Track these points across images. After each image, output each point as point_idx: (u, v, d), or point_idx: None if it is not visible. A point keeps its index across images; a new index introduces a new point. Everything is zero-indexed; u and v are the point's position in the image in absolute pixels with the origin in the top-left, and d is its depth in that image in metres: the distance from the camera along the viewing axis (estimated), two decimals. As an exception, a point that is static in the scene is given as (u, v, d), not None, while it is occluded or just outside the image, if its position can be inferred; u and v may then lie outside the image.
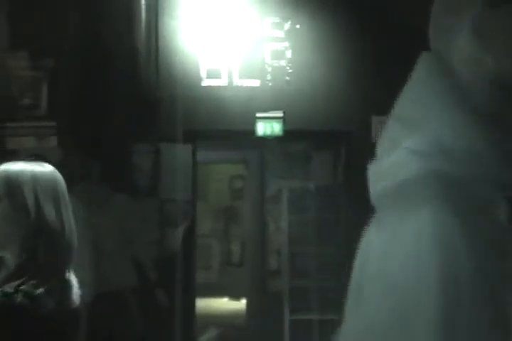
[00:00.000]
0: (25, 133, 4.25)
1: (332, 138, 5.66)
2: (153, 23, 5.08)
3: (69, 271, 1.63)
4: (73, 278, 1.65)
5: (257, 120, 5.12)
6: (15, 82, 4.33)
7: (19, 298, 1.48)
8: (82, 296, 1.65)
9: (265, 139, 5.42)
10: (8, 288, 1.50)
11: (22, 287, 1.49)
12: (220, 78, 5.25)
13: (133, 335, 4.20)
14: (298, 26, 5.27)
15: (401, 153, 0.79)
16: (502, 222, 0.77)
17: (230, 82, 5.25)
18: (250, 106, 5.17)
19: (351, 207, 5.49)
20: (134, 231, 4.30)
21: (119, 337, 4.07)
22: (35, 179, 1.60)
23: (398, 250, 0.82)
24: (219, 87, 5.24)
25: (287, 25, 5.27)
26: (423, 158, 0.77)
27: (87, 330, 3.14)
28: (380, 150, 0.91)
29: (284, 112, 5.15)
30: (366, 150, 5.54)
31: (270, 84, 5.26)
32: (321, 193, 6.26)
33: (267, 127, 5.14)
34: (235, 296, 8.66)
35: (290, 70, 5.26)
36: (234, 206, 9.13)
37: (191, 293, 5.32)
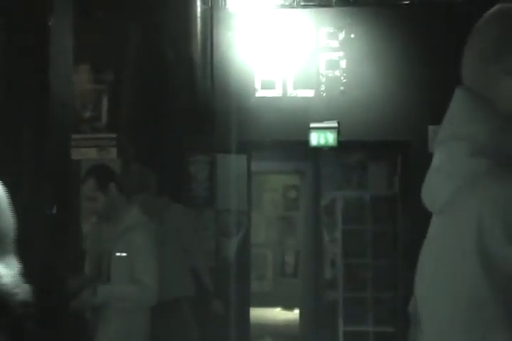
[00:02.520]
0: (88, 144, 4.38)
1: (387, 149, 5.61)
2: (209, 34, 5.16)
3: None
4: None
5: (311, 130, 5.12)
6: (78, 95, 4.47)
7: None
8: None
9: (320, 149, 5.41)
10: None
11: None
12: (275, 89, 5.28)
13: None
14: (352, 36, 5.25)
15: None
16: None
17: (285, 93, 5.27)
18: (304, 117, 5.18)
19: (407, 218, 5.41)
20: (192, 241, 4.34)
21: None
22: None
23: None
24: (273, 97, 5.27)
25: (342, 35, 5.26)
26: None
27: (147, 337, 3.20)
28: (435, 164, 1.09)
29: (338, 122, 5.13)
30: (423, 161, 5.45)
31: (324, 94, 5.25)
32: (377, 204, 6.19)
33: (321, 137, 5.13)
34: (289, 306, 8.64)
35: (344, 80, 5.25)
36: (288, 216, 9.13)
37: (246, 303, 5.33)
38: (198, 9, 4.99)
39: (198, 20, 4.98)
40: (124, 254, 3.02)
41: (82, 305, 3.05)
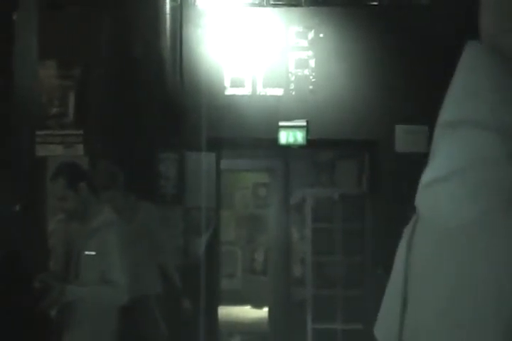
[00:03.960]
0: (54, 141, 4.32)
1: (356, 148, 5.66)
2: (178, 31, 5.14)
3: None
4: None
5: (280, 129, 5.14)
6: (44, 91, 4.42)
7: None
8: None
9: (289, 148, 5.43)
10: None
11: None
12: (244, 87, 5.28)
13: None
14: (322, 35, 5.29)
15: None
16: None
17: (254, 91, 5.28)
18: (274, 115, 5.19)
19: (376, 216, 5.47)
20: (160, 239, 4.33)
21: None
22: None
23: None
24: (243, 95, 5.28)
25: (311, 35, 5.29)
26: None
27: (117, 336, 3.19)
28: (450, 165, 0.77)
29: (307, 121, 5.16)
30: (390, 160, 5.54)
31: (293, 93, 5.27)
32: (345, 202, 6.24)
33: (290, 136, 5.16)
34: (258, 304, 8.66)
35: (313, 79, 5.28)
36: (258, 214, 9.14)
37: (215, 301, 5.33)
38: (167, 6, 4.97)
39: (167, 17, 4.96)
40: (94, 253, 3.00)
41: (51, 305, 3.02)
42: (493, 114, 0.72)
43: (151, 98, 5.08)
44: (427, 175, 0.81)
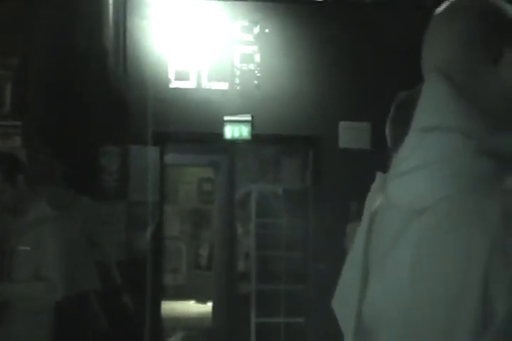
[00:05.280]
0: (-10, 132, 4.18)
1: (300, 143, 5.69)
2: (121, 23, 5.05)
3: None
4: None
5: (225, 123, 5.12)
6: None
7: None
8: None
9: (234, 142, 5.43)
10: None
11: None
12: (189, 80, 5.24)
13: (99, 339, 4.17)
14: (267, 30, 5.29)
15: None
16: None
17: (199, 85, 5.24)
18: (219, 109, 5.17)
19: (318, 211, 5.52)
20: (100, 234, 4.27)
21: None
22: None
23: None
24: (187, 89, 5.23)
25: (256, 29, 5.29)
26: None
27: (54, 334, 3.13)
28: (421, 158, 0.91)
29: (252, 116, 5.16)
30: (334, 155, 5.60)
31: (238, 87, 5.26)
32: (289, 197, 6.28)
33: (235, 130, 5.15)
34: (202, 299, 8.64)
35: (258, 74, 5.28)
36: (203, 209, 9.11)
37: (158, 296, 5.29)
38: (111, -4, 4.88)
39: (110, 7, 4.86)
40: (28, 249, 2.93)
41: None
42: (457, 120, 0.88)
43: (93, 90, 4.98)
44: (399, 167, 0.92)
